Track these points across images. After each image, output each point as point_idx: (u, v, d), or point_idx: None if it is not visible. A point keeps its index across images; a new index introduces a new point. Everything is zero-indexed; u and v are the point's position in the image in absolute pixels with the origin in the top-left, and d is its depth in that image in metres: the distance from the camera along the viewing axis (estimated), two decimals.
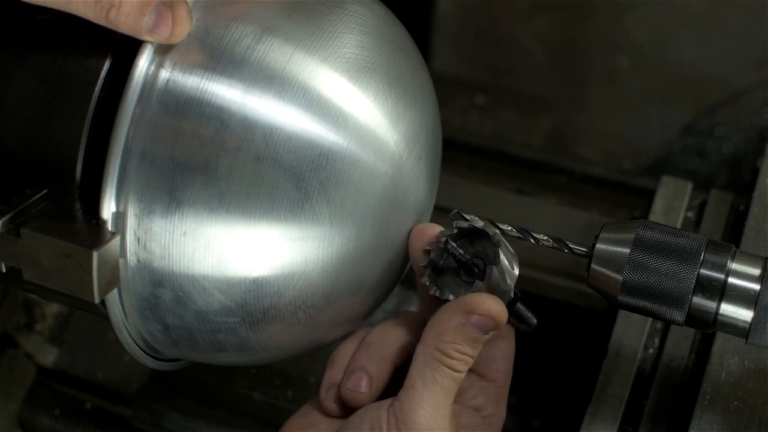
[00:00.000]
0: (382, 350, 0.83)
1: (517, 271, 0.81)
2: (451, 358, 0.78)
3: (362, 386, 0.82)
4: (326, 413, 0.84)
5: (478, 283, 0.79)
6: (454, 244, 0.80)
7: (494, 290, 0.80)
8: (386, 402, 0.79)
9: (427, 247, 0.81)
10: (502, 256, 0.79)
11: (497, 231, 0.80)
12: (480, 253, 0.80)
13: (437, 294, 0.80)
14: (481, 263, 0.80)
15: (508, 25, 1.78)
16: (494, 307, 0.78)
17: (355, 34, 0.79)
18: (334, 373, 0.84)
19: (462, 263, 0.80)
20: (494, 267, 0.79)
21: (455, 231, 0.80)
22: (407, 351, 0.84)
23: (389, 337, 0.84)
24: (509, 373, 0.85)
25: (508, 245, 0.81)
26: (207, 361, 0.85)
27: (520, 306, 0.84)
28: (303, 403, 0.88)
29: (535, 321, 0.86)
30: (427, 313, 0.83)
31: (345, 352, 0.85)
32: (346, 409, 0.83)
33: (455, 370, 0.78)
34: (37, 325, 1.20)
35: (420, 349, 0.79)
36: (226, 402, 1.13)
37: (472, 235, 0.81)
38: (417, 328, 0.84)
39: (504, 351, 0.85)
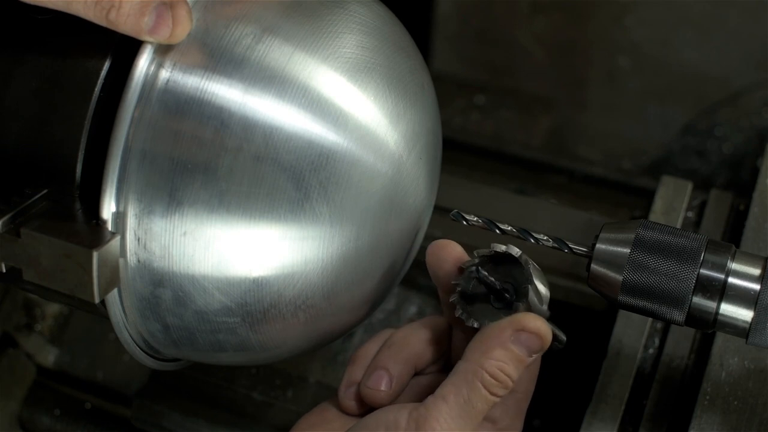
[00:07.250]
0: (404, 351, 0.83)
1: (548, 290, 0.80)
2: (494, 378, 0.76)
3: (382, 385, 0.82)
4: (344, 411, 0.84)
5: (518, 304, 0.78)
6: (486, 273, 0.79)
7: (532, 311, 0.79)
8: (407, 406, 0.78)
9: (453, 281, 0.80)
10: (533, 276, 0.78)
11: (522, 252, 0.79)
12: (508, 277, 0.80)
13: (474, 325, 0.79)
14: (510, 287, 0.79)
15: (508, 25, 1.78)
16: (543, 327, 0.77)
17: (355, 34, 0.79)
18: (354, 372, 0.84)
19: (494, 290, 0.79)
20: (530, 287, 0.78)
21: (477, 260, 0.79)
22: (429, 354, 0.84)
23: (412, 339, 0.84)
24: (531, 387, 0.83)
25: (535, 264, 0.80)
26: (207, 361, 0.85)
27: (550, 325, 0.82)
28: (303, 403, 0.88)
29: (564, 338, 0.84)
30: (454, 325, 0.83)
31: (367, 351, 0.85)
32: (364, 408, 0.83)
33: (492, 394, 0.76)
34: (37, 325, 1.20)
35: (461, 365, 0.77)
36: (226, 402, 1.13)
37: (496, 260, 0.80)
38: (440, 332, 0.85)
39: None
